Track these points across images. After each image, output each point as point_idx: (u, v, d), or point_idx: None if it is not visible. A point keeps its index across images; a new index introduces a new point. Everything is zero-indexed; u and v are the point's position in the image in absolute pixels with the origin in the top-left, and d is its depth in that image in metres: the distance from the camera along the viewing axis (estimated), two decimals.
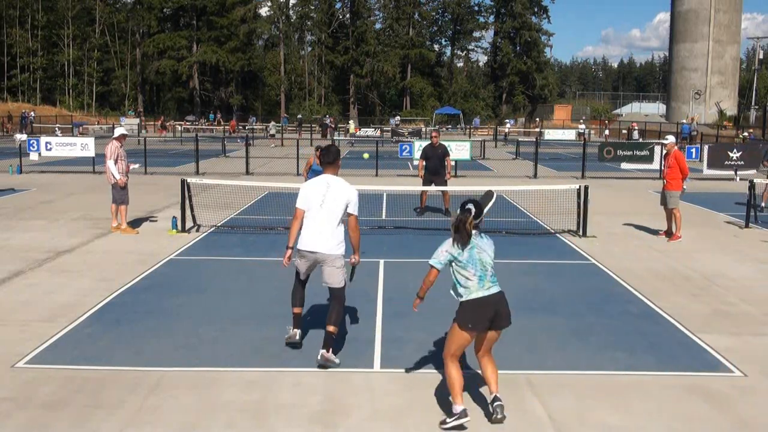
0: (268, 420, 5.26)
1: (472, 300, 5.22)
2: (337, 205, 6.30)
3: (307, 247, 6.36)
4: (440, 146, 14.95)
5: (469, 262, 5.23)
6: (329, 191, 6.34)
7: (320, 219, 6.32)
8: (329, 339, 6.31)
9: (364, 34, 75.39)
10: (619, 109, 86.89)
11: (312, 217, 6.35)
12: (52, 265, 10.09)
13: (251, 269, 10.02)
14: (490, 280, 5.28)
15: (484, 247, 5.30)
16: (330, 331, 6.30)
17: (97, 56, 74.64)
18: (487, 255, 5.30)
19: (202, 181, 15.15)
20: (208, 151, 31.52)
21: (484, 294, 5.22)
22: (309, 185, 6.51)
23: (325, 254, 6.33)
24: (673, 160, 12.75)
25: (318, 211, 6.32)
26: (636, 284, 9.32)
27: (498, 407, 5.18)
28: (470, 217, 5.20)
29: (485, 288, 5.24)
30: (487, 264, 5.28)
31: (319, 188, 6.38)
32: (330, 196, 6.32)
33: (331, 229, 6.32)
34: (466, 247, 5.23)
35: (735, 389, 5.92)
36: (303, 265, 6.53)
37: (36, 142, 24.10)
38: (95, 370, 6.16)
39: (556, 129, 53.91)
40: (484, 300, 5.21)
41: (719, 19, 57.93)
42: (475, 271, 5.23)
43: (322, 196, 6.33)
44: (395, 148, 31.13)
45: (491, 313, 5.21)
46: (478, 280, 5.24)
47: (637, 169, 24.69)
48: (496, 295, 5.26)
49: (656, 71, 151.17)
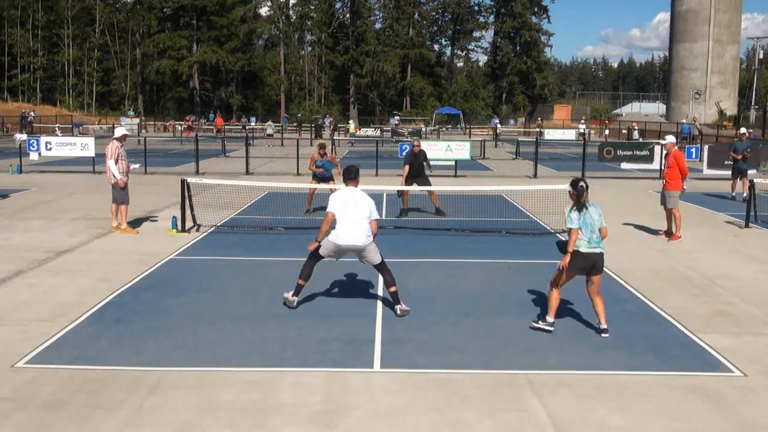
0: (268, 420, 5.26)
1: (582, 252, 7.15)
2: (362, 209, 7.85)
3: (343, 242, 7.83)
4: (421, 152, 15.36)
5: (583, 225, 7.16)
6: (357, 200, 7.90)
7: (354, 219, 7.81)
8: (396, 295, 7.88)
9: (364, 34, 75.39)
10: (619, 109, 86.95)
11: (342, 218, 7.81)
12: (52, 265, 10.09)
13: (251, 269, 10.02)
14: (596, 241, 7.16)
15: (593, 213, 7.23)
16: (393, 290, 7.89)
17: (97, 56, 74.63)
18: (593, 218, 7.20)
19: (202, 181, 15.14)
20: (208, 151, 31.52)
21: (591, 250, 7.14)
22: (339, 196, 8.01)
23: (362, 245, 7.87)
24: (672, 160, 12.76)
25: (353, 213, 7.81)
26: (636, 284, 9.32)
27: (603, 333, 7.16)
28: (586, 192, 7.32)
29: (591, 246, 7.14)
30: (594, 226, 7.18)
31: (347, 197, 7.93)
32: (359, 204, 7.87)
33: (364, 226, 7.86)
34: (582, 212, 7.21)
35: (735, 389, 5.92)
36: (329, 252, 7.98)
37: (36, 142, 24.10)
38: (95, 370, 6.16)
39: (556, 129, 53.86)
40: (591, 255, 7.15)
41: (719, 19, 57.92)
42: (585, 232, 7.14)
43: (353, 202, 7.87)
44: (395, 148, 31.14)
45: (591, 263, 7.15)
46: (587, 240, 7.14)
47: (637, 169, 24.69)
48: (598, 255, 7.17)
49: (656, 71, 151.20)
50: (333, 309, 8.04)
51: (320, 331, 7.23)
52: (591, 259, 7.12)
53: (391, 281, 7.92)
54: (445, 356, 6.58)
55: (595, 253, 7.13)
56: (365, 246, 7.88)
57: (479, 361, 6.45)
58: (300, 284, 8.00)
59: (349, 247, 7.88)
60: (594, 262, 7.13)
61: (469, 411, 5.43)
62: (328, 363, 6.37)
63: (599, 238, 7.18)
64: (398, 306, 7.85)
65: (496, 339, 7.08)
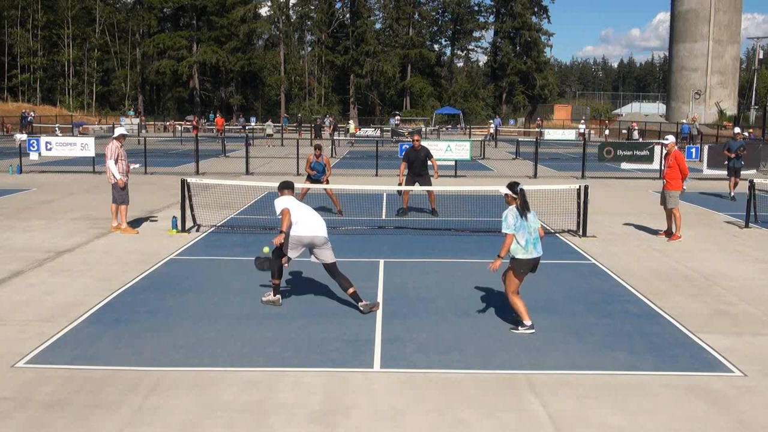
0: (268, 420, 5.26)
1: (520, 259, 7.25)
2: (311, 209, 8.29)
3: (309, 232, 7.99)
4: (423, 149, 14.97)
5: (521, 228, 7.22)
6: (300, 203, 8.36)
7: (312, 213, 8.18)
8: (356, 295, 8.00)
9: (364, 34, 75.36)
10: (619, 109, 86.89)
11: (301, 215, 8.04)
12: (52, 265, 10.09)
13: (251, 269, 10.00)
14: (533, 243, 7.26)
15: (529, 216, 7.32)
16: (352, 292, 8.01)
17: (97, 56, 74.62)
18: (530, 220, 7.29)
19: (202, 181, 15.14)
20: (208, 151, 31.53)
21: (532, 256, 7.27)
22: (284, 200, 8.24)
23: (324, 236, 8.08)
24: (673, 160, 12.76)
25: (308, 209, 8.21)
26: (636, 284, 9.32)
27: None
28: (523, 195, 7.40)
29: (528, 251, 7.24)
30: (531, 227, 7.27)
31: (293, 200, 8.30)
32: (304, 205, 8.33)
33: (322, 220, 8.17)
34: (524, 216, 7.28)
35: (735, 389, 5.92)
36: (297, 249, 8.12)
37: (36, 141, 24.09)
38: (95, 370, 6.16)
39: (556, 129, 53.84)
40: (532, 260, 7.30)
41: (719, 19, 57.91)
42: (523, 234, 7.22)
43: (302, 204, 8.27)
44: (395, 148, 31.15)
45: (532, 265, 7.33)
46: (525, 243, 7.22)
47: (637, 169, 24.69)
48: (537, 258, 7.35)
49: (656, 71, 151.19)
50: (333, 309, 8.04)
51: (320, 331, 7.23)
52: (531, 262, 7.29)
53: (347, 284, 8.04)
54: (445, 356, 6.58)
55: (534, 258, 7.29)
56: (327, 239, 8.08)
57: (479, 361, 6.46)
58: (276, 284, 8.21)
59: (313, 237, 7.96)
60: (534, 265, 7.35)
61: (469, 411, 5.43)
62: (328, 363, 6.38)
63: (537, 239, 7.32)
64: (360, 303, 7.93)
65: (496, 339, 7.08)
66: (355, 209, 15.45)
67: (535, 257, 7.29)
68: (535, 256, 7.29)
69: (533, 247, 7.26)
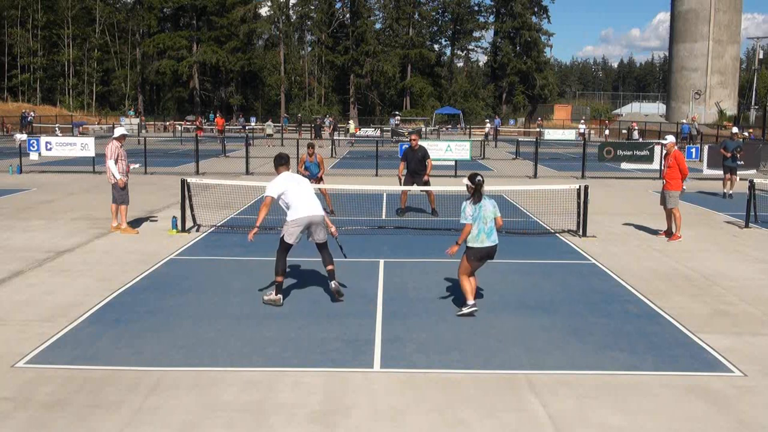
0: (268, 420, 5.26)
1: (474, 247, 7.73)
2: (307, 186, 8.50)
3: (305, 213, 8.19)
4: (420, 148, 14.92)
5: (477, 218, 7.66)
6: (297, 179, 8.54)
7: (307, 194, 8.35)
8: (332, 273, 8.35)
9: (364, 34, 75.37)
10: (619, 109, 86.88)
11: (295, 197, 8.22)
12: (52, 265, 10.09)
13: (251, 269, 10.02)
14: (487, 233, 7.71)
15: (487, 206, 7.75)
16: (330, 269, 8.37)
17: (97, 56, 74.63)
18: (486, 210, 7.74)
19: (202, 181, 15.14)
20: (208, 151, 31.53)
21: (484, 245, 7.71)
22: (280, 180, 8.31)
23: (321, 215, 8.38)
24: (672, 160, 12.76)
25: (302, 190, 8.35)
26: (636, 284, 9.32)
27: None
28: (481, 187, 7.73)
29: (480, 240, 7.70)
30: (486, 218, 7.71)
31: (288, 179, 8.37)
32: (301, 181, 8.52)
33: (317, 199, 8.47)
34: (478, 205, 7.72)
35: (735, 389, 5.92)
36: (296, 232, 8.28)
37: (36, 141, 24.09)
38: (95, 370, 6.16)
39: (556, 129, 53.83)
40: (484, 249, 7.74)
41: (719, 19, 57.91)
42: (478, 224, 7.67)
43: (294, 182, 8.38)
44: (395, 148, 31.15)
45: (485, 254, 7.77)
46: (478, 233, 7.69)
47: (637, 169, 24.69)
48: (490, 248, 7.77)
49: (656, 71, 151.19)
50: (333, 309, 8.04)
51: (320, 331, 7.23)
52: (484, 251, 7.77)
53: (329, 259, 8.42)
54: (445, 356, 6.58)
55: (487, 247, 7.75)
56: (324, 216, 8.39)
57: (479, 361, 6.46)
58: (279, 281, 8.23)
59: (311, 218, 8.22)
60: (488, 253, 7.80)
61: (469, 411, 5.43)
62: (328, 363, 6.38)
63: (492, 229, 7.77)
64: (333, 282, 8.30)
65: (496, 339, 7.08)
66: (355, 209, 15.45)
67: (488, 246, 7.74)
68: (488, 245, 7.74)
69: (486, 237, 7.72)
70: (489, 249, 7.75)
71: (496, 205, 7.92)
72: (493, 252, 7.83)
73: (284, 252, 8.30)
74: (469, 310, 7.75)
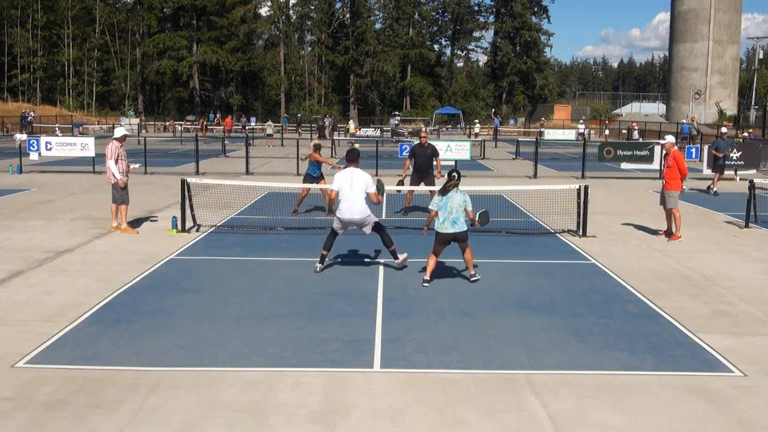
0: (268, 420, 5.26)
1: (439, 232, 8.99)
2: (358, 187, 9.58)
3: (345, 216, 9.56)
4: (429, 146, 14.86)
5: (443, 208, 8.87)
6: (354, 178, 9.60)
7: (352, 197, 9.54)
8: (395, 253, 9.85)
9: (364, 34, 75.40)
10: (619, 109, 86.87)
11: (344, 197, 9.57)
12: (52, 265, 10.09)
13: (251, 269, 10.02)
14: (451, 221, 8.87)
15: (456, 198, 8.87)
16: (392, 249, 9.84)
17: (97, 56, 74.65)
18: (454, 202, 8.84)
19: (202, 181, 15.14)
20: (208, 151, 31.54)
21: (447, 231, 8.94)
22: (340, 176, 9.66)
23: (359, 219, 9.64)
24: (672, 160, 12.75)
25: (349, 191, 9.55)
26: (636, 284, 9.32)
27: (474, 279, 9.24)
28: (454, 182, 8.94)
29: (444, 227, 8.91)
30: (453, 209, 8.84)
31: (346, 177, 9.62)
32: (355, 181, 9.59)
33: (360, 202, 9.58)
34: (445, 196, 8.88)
35: (735, 389, 5.92)
36: (338, 226, 9.74)
37: (36, 142, 24.09)
38: (95, 370, 6.16)
39: (556, 129, 53.82)
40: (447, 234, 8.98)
41: (719, 19, 57.93)
42: (443, 213, 8.89)
43: (349, 181, 9.56)
44: (395, 148, 31.14)
45: (450, 238, 9.00)
46: (443, 220, 8.89)
47: (637, 169, 24.69)
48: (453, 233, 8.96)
49: (656, 71, 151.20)
50: (333, 309, 8.04)
51: (320, 331, 7.23)
52: (448, 235, 8.93)
53: (388, 241, 9.77)
54: (445, 356, 6.58)
55: (449, 233, 8.90)
56: (362, 219, 9.60)
57: (479, 361, 6.45)
58: (323, 254, 9.70)
59: (350, 220, 9.59)
60: (453, 237, 8.94)
61: (469, 411, 5.43)
62: (328, 363, 6.37)
63: (456, 219, 8.87)
64: (396, 260, 9.79)
65: (496, 339, 7.08)
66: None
67: (450, 232, 8.89)
68: (450, 231, 8.88)
69: (450, 224, 8.86)
70: (451, 235, 8.90)
71: (467, 200, 8.93)
72: (458, 237, 8.94)
73: (332, 234, 9.78)
74: (425, 284, 8.97)
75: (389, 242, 9.80)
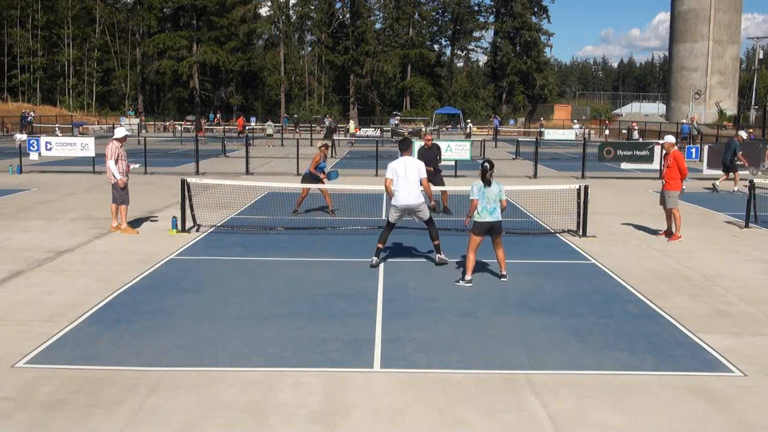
0: (268, 420, 5.26)
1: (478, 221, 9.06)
2: (411, 175, 9.91)
3: (401, 202, 9.87)
4: (434, 146, 15.50)
5: (481, 197, 9.01)
6: (407, 166, 9.95)
7: (406, 184, 9.83)
8: (438, 247, 10.18)
9: (364, 34, 75.41)
10: (619, 109, 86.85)
11: (398, 185, 9.85)
12: (52, 265, 10.09)
13: (251, 269, 10.02)
14: (489, 211, 9.00)
15: (493, 189, 9.05)
16: (436, 243, 10.16)
17: (97, 56, 74.67)
18: (492, 192, 9.03)
19: (202, 181, 15.14)
20: (208, 151, 31.54)
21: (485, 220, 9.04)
22: (393, 165, 9.99)
23: (414, 205, 9.94)
24: (672, 160, 12.75)
25: (404, 179, 9.85)
26: (636, 284, 9.32)
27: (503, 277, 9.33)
28: (489, 172, 9.13)
29: (484, 216, 9.02)
30: (490, 198, 9.00)
31: (399, 165, 9.96)
32: (409, 169, 9.92)
33: (415, 189, 9.90)
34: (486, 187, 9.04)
35: (735, 389, 5.92)
36: (396, 215, 10.05)
37: (36, 142, 24.08)
38: (95, 370, 6.16)
39: (557, 129, 53.80)
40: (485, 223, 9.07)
41: (719, 19, 57.88)
42: (482, 202, 9.02)
43: (404, 170, 9.89)
44: (395, 148, 31.12)
45: (488, 228, 9.06)
46: (481, 210, 9.00)
47: (637, 169, 24.68)
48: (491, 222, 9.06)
49: (656, 71, 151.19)
50: (333, 309, 8.04)
51: (320, 331, 7.23)
52: (486, 224, 9.00)
53: (435, 235, 10.15)
54: (445, 356, 6.58)
55: (487, 221, 9.01)
56: (418, 205, 9.93)
57: (479, 361, 6.45)
58: (378, 247, 10.09)
59: (406, 207, 9.93)
60: (490, 227, 9.03)
61: (469, 411, 5.43)
62: (328, 363, 6.37)
63: (494, 208, 9.03)
64: (437, 255, 10.15)
65: (496, 339, 7.08)
66: (355, 209, 15.47)
67: (488, 221, 8.99)
68: (488, 220, 8.99)
69: (488, 214, 8.99)
70: (489, 224, 8.98)
71: (503, 190, 9.12)
72: (495, 227, 9.02)
73: (388, 227, 10.15)
74: (464, 284, 8.97)
75: (435, 236, 10.14)
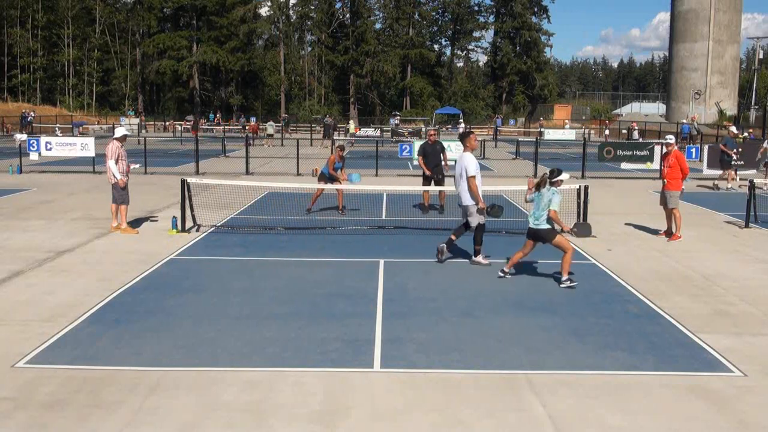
0: (268, 420, 5.26)
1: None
2: (459, 173, 10.06)
3: (460, 202, 10.20)
4: (437, 143, 15.63)
5: (534, 203, 9.21)
6: (459, 164, 10.06)
7: (458, 183, 10.14)
8: (478, 252, 10.22)
9: (364, 34, 75.36)
10: (619, 109, 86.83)
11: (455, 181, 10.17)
12: (52, 265, 10.09)
13: (251, 269, 10.02)
14: (535, 218, 9.12)
15: (544, 195, 9.07)
16: (477, 248, 10.20)
17: (97, 56, 74.64)
18: (543, 199, 9.06)
19: (202, 181, 15.14)
20: (208, 151, 31.53)
21: (529, 226, 9.27)
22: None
23: (464, 204, 10.11)
24: (673, 160, 12.75)
25: (459, 177, 10.08)
26: (636, 284, 9.32)
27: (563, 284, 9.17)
28: (545, 179, 9.16)
29: (529, 223, 9.25)
30: (540, 205, 9.08)
31: (457, 162, 10.11)
32: (458, 167, 10.11)
33: (462, 188, 10.09)
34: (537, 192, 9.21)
35: (735, 389, 5.92)
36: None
37: (36, 142, 24.09)
38: (95, 370, 6.16)
39: (557, 129, 53.82)
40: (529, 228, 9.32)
41: (719, 19, 57.88)
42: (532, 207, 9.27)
43: (459, 167, 10.02)
44: (395, 148, 31.15)
45: (531, 234, 9.27)
46: (530, 214, 9.26)
47: (637, 169, 24.68)
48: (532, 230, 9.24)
49: (656, 71, 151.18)
50: (333, 309, 8.04)
51: (320, 331, 7.23)
52: (529, 230, 9.27)
53: (479, 240, 10.15)
54: (445, 356, 6.58)
55: (529, 227, 9.25)
56: (467, 206, 10.01)
57: (479, 361, 6.45)
58: (452, 238, 10.27)
59: (460, 205, 10.15)
60: (534, 234, 9.20)
61: (469, 411, 5.43)
62: (328, 363, 6.38)
63: (540, 216, 9.08)
64: (475, 257, 10.21)
65: (496, 339, 7.08)
66: (355, 209, 15.46)
67: (530, 227, 9.24)
68: (530, 227, 9.22)
69: (533, 219, 9.17)
70: (531, 230, 9.21)
71: (553, 199, 9.03)
72: (540, 235, 9.13)
73: (463, 227, 10.34)
74: (503, 274, 9.46)
75: (479, 240, 10.18)
